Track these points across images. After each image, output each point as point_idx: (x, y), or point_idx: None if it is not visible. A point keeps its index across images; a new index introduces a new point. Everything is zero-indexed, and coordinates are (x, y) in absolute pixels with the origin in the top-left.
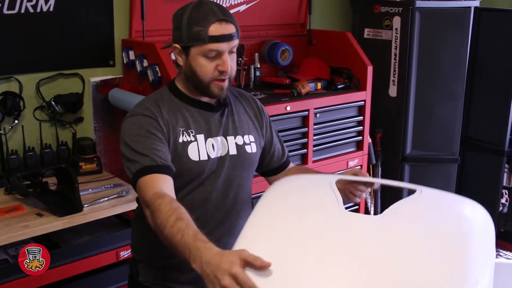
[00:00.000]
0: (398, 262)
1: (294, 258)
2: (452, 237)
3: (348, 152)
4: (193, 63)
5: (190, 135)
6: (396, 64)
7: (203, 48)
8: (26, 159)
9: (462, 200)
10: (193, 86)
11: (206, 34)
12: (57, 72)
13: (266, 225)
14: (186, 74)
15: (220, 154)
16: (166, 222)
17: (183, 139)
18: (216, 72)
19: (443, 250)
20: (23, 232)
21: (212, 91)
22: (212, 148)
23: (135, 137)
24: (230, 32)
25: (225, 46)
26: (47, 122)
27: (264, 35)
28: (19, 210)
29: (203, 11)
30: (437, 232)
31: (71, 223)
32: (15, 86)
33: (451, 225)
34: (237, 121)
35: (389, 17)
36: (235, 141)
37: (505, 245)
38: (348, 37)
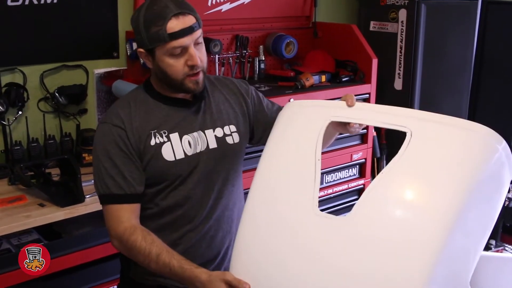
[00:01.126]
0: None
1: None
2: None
3: (353, 145)
4: (161, 64)
5: (162, 136)
6: (401, 57)
7: (166, 48)
8: (30, 150)
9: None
10: (167, 86)
11: (166, 33)
12: (61, 64)
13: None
14: (157, 75)
15: (199, 149)
16: (149, 260)
17: (155, 141)
18: (187, 68)
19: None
20: (25, 222)
21: (187, 87)
22: (188, 145)
23: (104, 152)
24: (189, 24)
25: (187, 40)
26: (51, 114)
27: (268, 28)
28: (21, 200)
29: (156, 9)
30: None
31: (73, 213)
32: (19, 78)
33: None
34: (215, 113)
35: (395, 10)
36: (215, 134)
37: (510, 240)
38: (353, 30)
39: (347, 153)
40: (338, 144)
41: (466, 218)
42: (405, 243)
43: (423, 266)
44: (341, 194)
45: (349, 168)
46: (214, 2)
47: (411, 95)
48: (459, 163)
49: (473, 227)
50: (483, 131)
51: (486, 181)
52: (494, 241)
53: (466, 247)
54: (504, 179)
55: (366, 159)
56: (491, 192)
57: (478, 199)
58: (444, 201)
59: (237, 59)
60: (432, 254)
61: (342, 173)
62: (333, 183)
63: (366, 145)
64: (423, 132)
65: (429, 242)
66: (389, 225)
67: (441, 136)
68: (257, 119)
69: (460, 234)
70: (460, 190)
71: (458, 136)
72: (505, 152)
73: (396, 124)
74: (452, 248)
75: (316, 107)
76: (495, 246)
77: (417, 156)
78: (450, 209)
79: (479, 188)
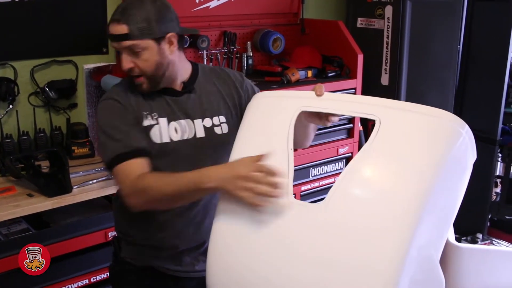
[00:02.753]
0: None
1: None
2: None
3: (339, 139)
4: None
5: (153, 118)
6: (388, 53)
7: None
8: (21, 143)
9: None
10: None
11: (108, 33)
12: (51, 59)
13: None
14: None
15: (185, 137)
16: (162, 185)
17: (146, 123)
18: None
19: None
20: (14, 211)
21: (134, 85)
22: (175, 131)
23: (108, 122)
24: (118, 32)
25: (116, 45)
26: (41, 108)
27: (256, 24)
28: (11, 191)
29: (117, 8)
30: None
31: (60, 203)
32: (10, 72)
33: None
34: (205, 103)
35: (381, 7)
36: (203, 123)
37: (498, 234)
38: (339, 26)
39: (334, 147)
40: (324, 138)
41: (434, 201)
42: (377, 229)
43: (396, 251)
44: (327, 187)
45: (336, 162)
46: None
47: (397, 90)
48: (426, 148)
49: (440, 209)
50: (447, 117)
51: (451, 164)
52: (481, 235)
53: (435, 229)
54: (467, 162)
55: (352, 153)
56: (456, 175)
57: (444, 182)
58: (412, 186)
59: (225, 55)
60: (404, 238)
61: (328, 167)
62: (319, 176)
63: (353, 139)
64: (391, 120)
65: (400, 227)
66: (361, 211)
67: (408, 123)
68: None
69: (429, 217)
70: (427, 175)
71: (424, 122)
72: (468, 136)
73: (365, 112)
74: (423, 230)
75: (285, 97)
76: (482, 240)
77: (385, 143)
78: (418, 193)
79: (445, 172)
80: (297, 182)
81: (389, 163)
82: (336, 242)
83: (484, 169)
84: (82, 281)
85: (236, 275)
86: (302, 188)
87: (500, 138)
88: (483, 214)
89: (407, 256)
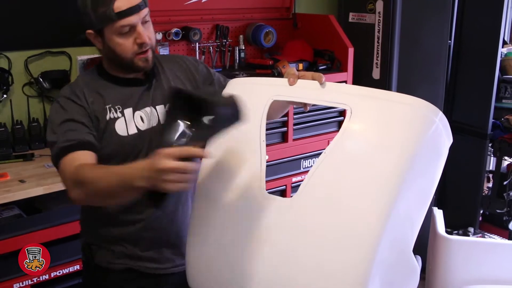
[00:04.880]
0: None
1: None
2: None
3: (329, 131)
4: (111, 44)
5: (117, 111)
6: (379, 47)
7: (114, 27)
8: (14, 132)
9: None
10: (117, 65)
11: (113, 12)
12: (45, 50)
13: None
14: (107, 56)
15: (151, 124)
16: (96, 178)
17: (110, 116)
18: (136, 46)
19: None
20: (5, 196)
21: (137, 65)
22: (141, 120)
23: (56, 119)
24: (136, 3)
25: (135, 18)
26: (35, 98)
27: (249, 18)
28: (3, 177)
29: None
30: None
31: (52, 189)
32: (4, 63)
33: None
34: (166, 88)
35: (373, 1)
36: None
37: (489, 228)
38: (330, 20)
39: (324, 140)
40: (315, 130)
41: (408, 190)
42: (349, 222)
43: (367, 246)
44: None
45: None
46: None
47: (389, 84)
48: (398, 137)
49: (414, 198)
50: (419, 104)
51: (425, 152)
52: (473, 228)
53: (408, 218)
54: (442, 150)
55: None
56: (431, 161)
57: (418, 170)
58: (384, 176)
59: (217, 48)
60: (375, 230)
61: None
62: (310, 168)
63: None
64: (362, 109)
65: (372, 218)
66: (332, 204)
67: (379, 111)
68: None
69: (403, 205)
70: (400, 164)
71: (396, 110)
72: (442, 123)
73: (336, 102)
74: (396, 220)
75: (258, 85)
76: (473, 234)
77: (356, 133)
78: (391, 183)
79: (418, 160)
80: (288, 174)
81: (361, 154)
82: (308, 236)
83: (475, 163)
84: (73, 266)
85: (215, 267)
86: (293, 179)
87: (491, 132)
88: (474, 208)
89: (379, 251)
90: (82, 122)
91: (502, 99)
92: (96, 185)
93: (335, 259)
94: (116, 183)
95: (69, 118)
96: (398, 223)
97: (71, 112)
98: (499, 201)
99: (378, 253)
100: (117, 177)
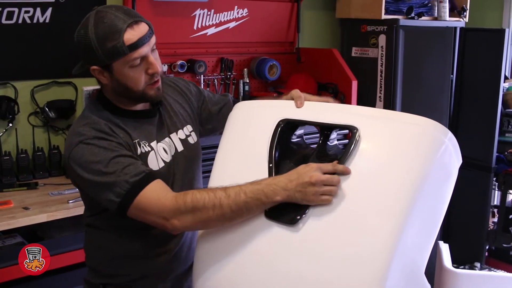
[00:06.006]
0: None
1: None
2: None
3: None
4: (121, 78)
5: (146, 145)
6: (382, 81)
7: (126, 60)
8: (19, 160)
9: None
10: (126, 98)
11: (124, 45)
12: (52, 80)
13: None
14: (115, 90)
15: (172, 154)
16: (219, 201)
17: (141, 150)
18: (147, 76)
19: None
20: (9, 222)
21: (149, 96)
22: (164, 152)
23: (99, 161)
24: (145, 32)
25: (146, 49)
26: (40, 128)
27: (253, 52)
28: (7, 204)
29: (108, 22)
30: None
31: (55, 216)
32: (11, 92)
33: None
34: (173, 115)
35: (375, 36)
36: (178, 136)
37: (496, 263)
38: (334, 54)
39: None
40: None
41: (418, 211)
42: (359, 241)
43: (378, 268)
44: None
45: None
46: (200, 26)
47: None
48: (408, 158)
49: (425, 219)
50: (429, 124)
51: (435, 173)
52: (479, 264)
53: (419, 240)
54: (451, 170)
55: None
56: (441, 182)
57: (428, 192)
58: (395, 198)
59: (222, 81)
60: (386, 253)
61: None
62: None
63: None
64: (372, 129)
65: (383, 241)
66: (342, 223)
67: (388, 132)
68: (201, 112)
69: (413, 228)
70: (410, 185)
71: (405, 131)
72: (452, 143)
73: (345, 123)
74: (407, 240)
75: (265, 107)
76: (480, 269)
77: (366, 153)
78: (401, 205)
79: (429, 179)
80: None
81: (370, 176)
82: (317, 258)
83: (480, 197)
84: None
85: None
86: None
87: (495, 166)
88: (480, 243)
89: (391, 265)
90: (130, 156)
91: (505, 133)
92: (219, 209)
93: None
94: (250, 201)
95: (116, 155)
96: (410, 243)
97: (113, 149)
98: (505, 236)
99: (390, 274)
100: (251, 195)
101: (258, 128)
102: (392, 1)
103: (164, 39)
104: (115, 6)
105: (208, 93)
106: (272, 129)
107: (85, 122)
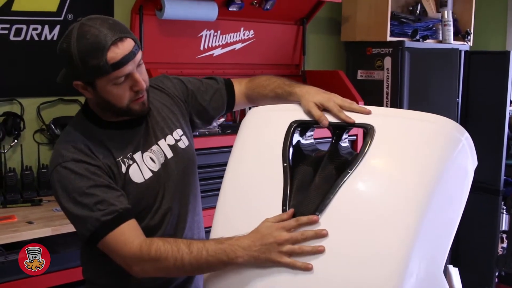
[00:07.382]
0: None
1: None
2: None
3: None
4: (104, 94)
5: (128, 159)
6: (388, 103)
7: (109, 78)
8: (23, 177)
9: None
10: (111, 113)
11: (107, 64)
12: (58, 98)
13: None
14: (99, 104)
15: (161, 162)
16: (181, 257)
17: (125, 167)
18: (132, 93)
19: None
20: (12, 235)
21: (134, 110)
22: (151, 161)
23: (75, 189)
24: (130, 49)
25: (131, 66)
26: (46, 145)
27: (259, 74)
28: (10, 219)
29: (90, 38)
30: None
31: (60, 230)
32: (17, 108)
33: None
34: (160, 121)
35: (381, 58)
36: (167, 142)
37: None
38: (340, 75)
39: None
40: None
41: (435, 209)
42: (377, 238)
43: (396, 267)
44: None
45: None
46: (206, 47)
47: None
48: (425, 156)
49: (442, 218)
50: (445, 122)
51: (452, 171)
52: None
53: (436, 239)
54: (468, 169)
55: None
56: (457, 181)
57: (445, 189)
58: (411, 196)
59: None
60: (403, 252)
61: None
62: None
63: None
64: (387, 128)
65: (400, 240)
66: (359, 220)
67: (405, 130)
68: (192, 108)
69: (430, 227)
70: (427, 183)
71: (422, 129)
72: (468, 142)
73: (361, 122)
74: (425, 237)
75: (278, 111)
76: None
77: (382, 152)
78: (418, 203)
79: (445, 179)
80: None
81: (387, 173)
82: (337, 256)
83: (488, 221)
84: None
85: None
86: None
87: (503, 188)
88: (490, 268)
89: (409, 264)
90: (106, 185)
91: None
92: (180, 263)
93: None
94: (211, 259)
95: (92, 185)
96: (427, 242)
97: (89, 176)
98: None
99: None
100: (213, 253)
101: (271, 130)
102: (397, 24)
103: (170, 59)
104: (100, 19)
105: (194, 84)
106: (285, 130)
107: (68, 139)
